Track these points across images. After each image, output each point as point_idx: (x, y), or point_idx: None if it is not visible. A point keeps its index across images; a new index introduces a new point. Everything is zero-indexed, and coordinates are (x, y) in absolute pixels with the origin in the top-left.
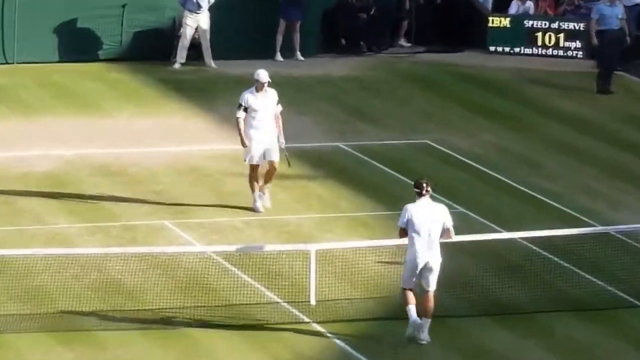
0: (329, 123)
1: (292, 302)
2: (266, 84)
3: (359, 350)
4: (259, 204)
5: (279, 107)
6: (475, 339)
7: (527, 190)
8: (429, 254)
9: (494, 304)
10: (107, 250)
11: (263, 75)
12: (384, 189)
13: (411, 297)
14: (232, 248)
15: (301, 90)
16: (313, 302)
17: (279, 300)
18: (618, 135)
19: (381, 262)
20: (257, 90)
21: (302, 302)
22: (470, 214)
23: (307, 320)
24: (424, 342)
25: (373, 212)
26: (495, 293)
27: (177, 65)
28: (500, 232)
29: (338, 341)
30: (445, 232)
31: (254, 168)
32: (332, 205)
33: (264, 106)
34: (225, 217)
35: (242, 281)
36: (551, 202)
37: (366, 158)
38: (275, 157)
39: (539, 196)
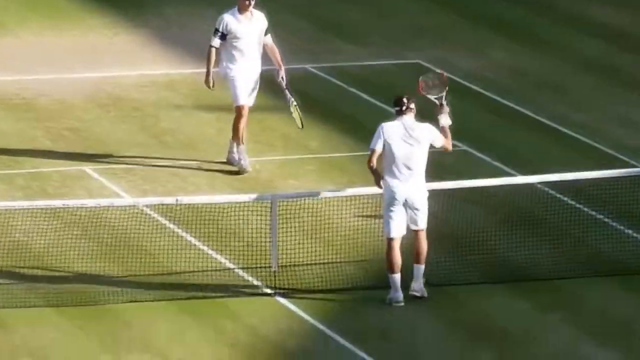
0: (295, 40)
1: (248, 267)
2: (252, 3)
3: (335, 329)
4: (244, 158)
5: (269, 37)
6: (483, 312)
7: (549, 122)
8: (408, 188)
9: (507, 268)
10: (9, 204)
11: None
12: (365, 123)
13: (396, 259)
14: (170, 200)
15: None
16: (275, 267)
17: (232, 265)
18: None
19: (361, 215)
20: (241, 12)
21: (261, 267)
22: (476, 153)
23: (268, 291)
24: (417, 294)
25: (351, 152)
26: (509, 254)
27: None
28: (515, 175)
29: (308, 317)
30: (441, 148)
31: (241, 110)
32: (299, 144)
33: (249, 33)
34: (161, 161)
35: (185, 242)
36: (580, 137)
37: (342, 84)
38: (251, 99)
39: (565, 130)
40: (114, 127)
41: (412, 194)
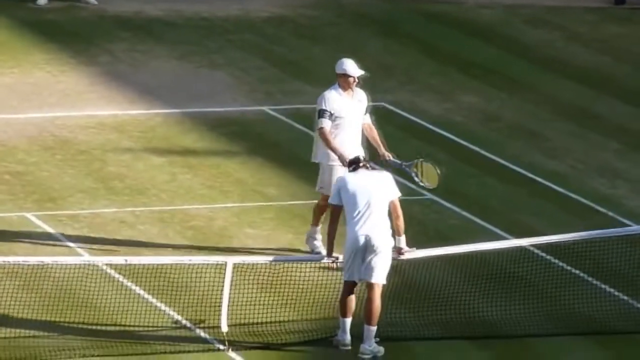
0: (252, 80)
1: (200, 323)
2: (357, 81)
3: None
4: (318, 242)
5: (368, 116)
6: None
7: (521, 170)
8: (371, 230)
9: (477, 325)
10: None
11: (352, 66)
12: None
13: (349, 303)
14: (119, 260)
15: (212, 35)
16: (225, 327)
17: (183, 320)
18: None
19: (320, 267)
20: (344, 89)
21: (213, 323)
22: (444, 202)
23: (220, 346)
24: (366, 357)
25: (311, 200)
26: (479, 311)
27: (42, 1)
28: (484, 226)
29: None
30: (391, 206)
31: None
32: (256, 191)
33: (353, 112)
34: (109, 207)
35: (134, 296)
36: (555, 187)
37: (302, 128)
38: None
39: (539, 178)
40: (59, 171)
41: (375, 235)
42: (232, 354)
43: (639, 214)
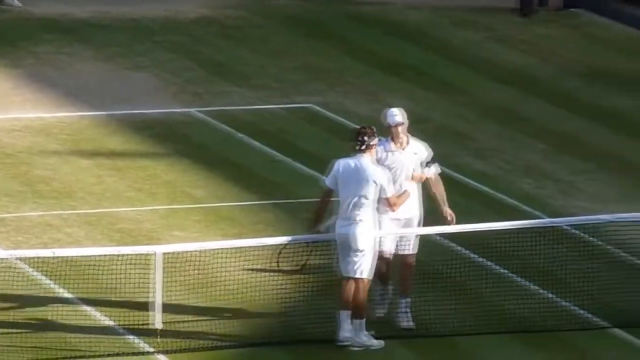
0: (178, 82)
1: (129, 325)
2: (402, 128)
3: None
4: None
5: (434, 169)
6: None
7: (449, 171)
8: (349, 226)
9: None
10: None
11: (390, 116)
12: (254, 171)
13: (345, 294)
14: (46, 252)
15: (138, 36)
16: (159, 324)
17: (111, 323)
18: (575, 96)
19: (251, 269)
20: (394, 141)
21: (142, 324)
22: None
23: (150, 349)
24: (344, 342)
25: (239, 202)
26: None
27: None
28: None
29: None
30: (383, 201)
31: (384, 262)
32: (184, 193)
33: (402, 164)
34: (35, 211)
35: (59, 298)
36: (482, 187)
37: (230, 129)
38: (411, 247)
39: (466, 179)
40: None
41: (353, 232)
42: (161, 356)
43: (564, 213)
